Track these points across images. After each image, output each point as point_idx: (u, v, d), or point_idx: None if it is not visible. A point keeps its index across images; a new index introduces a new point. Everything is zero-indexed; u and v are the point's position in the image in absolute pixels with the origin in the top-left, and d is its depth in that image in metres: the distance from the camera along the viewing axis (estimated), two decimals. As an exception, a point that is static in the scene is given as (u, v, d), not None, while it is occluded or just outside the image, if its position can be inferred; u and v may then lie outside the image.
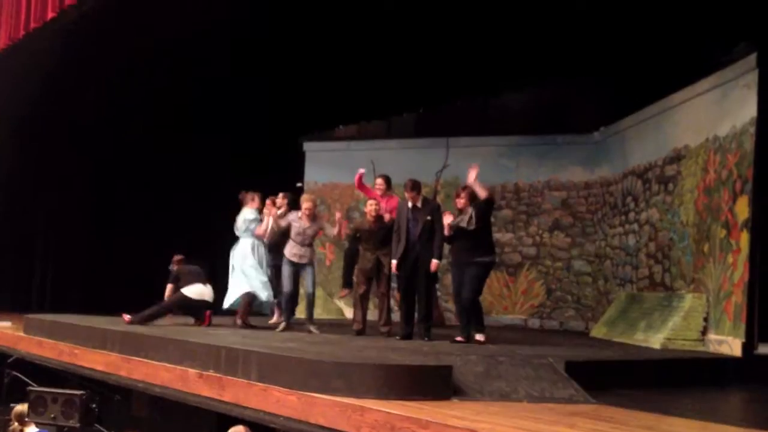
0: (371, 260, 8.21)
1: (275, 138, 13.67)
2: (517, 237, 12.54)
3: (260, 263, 8.84)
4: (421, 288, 7.69)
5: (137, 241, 12.88)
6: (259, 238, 8.85)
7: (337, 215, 8.97)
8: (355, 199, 13.53)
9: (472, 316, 7.44)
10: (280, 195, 9.10)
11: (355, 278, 8.66)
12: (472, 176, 7.43)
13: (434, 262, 7.56)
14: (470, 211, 7.39)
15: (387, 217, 8.28)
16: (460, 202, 7.52)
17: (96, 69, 10.60)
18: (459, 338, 7.43)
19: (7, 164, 12.56)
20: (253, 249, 8.82)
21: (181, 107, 12.25)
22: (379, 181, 8.71)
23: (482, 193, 7.39)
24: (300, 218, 8.38)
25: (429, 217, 7.60)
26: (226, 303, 8.81)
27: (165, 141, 12.89)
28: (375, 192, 8.80)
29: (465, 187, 7.59)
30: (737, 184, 7.88)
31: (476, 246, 7.41)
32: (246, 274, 8.69)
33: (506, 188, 12.70)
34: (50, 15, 9.23)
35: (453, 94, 12.13)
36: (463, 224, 7.36)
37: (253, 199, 9.00)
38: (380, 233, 8.17)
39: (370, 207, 8.28)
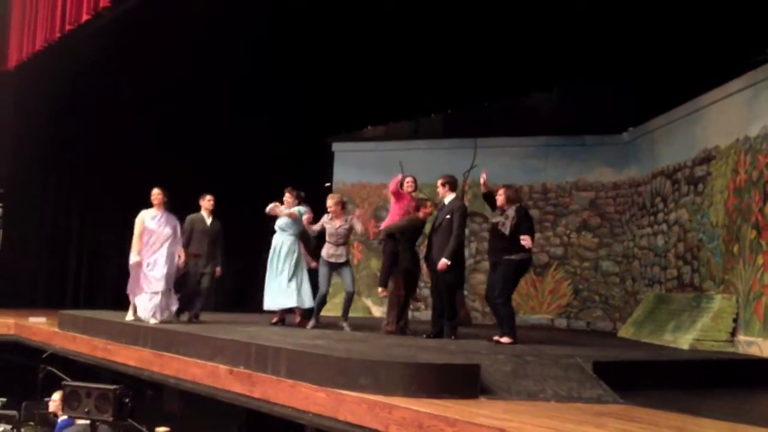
0: (409, 259, 8.23)
1: (304, 138, 13.76)
2: (545, 237, 12.51)
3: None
4: (440, 286, 7.67)
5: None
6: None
7: (357, 212, 8.97)
8: (383, 199, 13.58)
9: (502, 317, 7.40)
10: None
11: (393, 280, 8.49)
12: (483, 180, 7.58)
13: (441, 261, 7.43)
14: (511, 215, 7.35)
15: (422, 214, 8.31)
16: (499, 199, 7.49)
17: (130, 69, 10.76)
18: (496, 338, 7.41)
19: (42, 164, 12.77)
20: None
21: (212, 108, 12.40)
22: (410, 179, 8.65)
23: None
24: (331, 219, 8.45)
25: (448, 216, 7.59)
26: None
27: (197, 141, 13.04)
28: (408, 196, 8.78)
29: (506, 186, 7.59)
30: (768, 186, 7.83)
31: (508, 245, 7.36)
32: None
33: (534, 188, 12.69)
34: (85, 17, 9.40)
35: (481, 95, 12.13)
36: (501, 227, 7.34)
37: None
38: (419, 233, 8.27)
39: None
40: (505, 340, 7.20)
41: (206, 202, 8.89)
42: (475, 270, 12.62)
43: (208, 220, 8.87)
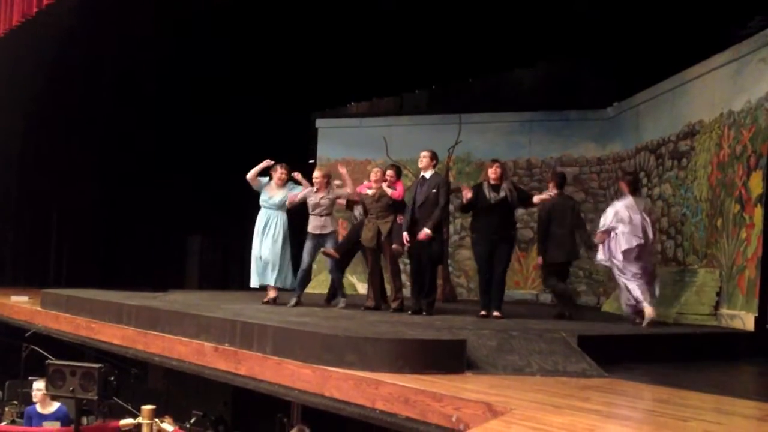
0: (372, 229, 8.26)
1: (288, 115, 13.68)
2: (529, 213, 12.46)
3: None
4: (423, 260, 7.68)
5: (151, 218, 12.97)
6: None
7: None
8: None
9: (498, 292, 7.54)
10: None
11: (363, 253, 8.67)
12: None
13: (424, 231, 7.47)
14: (511, 188, 7.53)
15: (389, 191, 8.26)
16: (498, 172, 7.58)
17: (108, 45, 10.61)
18: (484, 312, 7.49)
19: (22, 141, 12.63)
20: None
21: (194, 84, 12.27)
22: (390, 172, 8.44)
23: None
24: (315, 191, 8.45)
25: (434, 190, 7.61)
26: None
27: (177, 118, 12.93)
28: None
29: (497, 162, 7.70)
30: (751, 160, 7.85)
31: (506, 221, 7.47)
32: None
33: (518, 164, 12.68)
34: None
35: (465, 71, 12.08)
36: (510, 200, 7.50)
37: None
38: (381, 202, 8.25)
39: (373, 175, 8.40)
40: (498, 314, 7.48)
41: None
42: (460, 246, 12.64)
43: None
